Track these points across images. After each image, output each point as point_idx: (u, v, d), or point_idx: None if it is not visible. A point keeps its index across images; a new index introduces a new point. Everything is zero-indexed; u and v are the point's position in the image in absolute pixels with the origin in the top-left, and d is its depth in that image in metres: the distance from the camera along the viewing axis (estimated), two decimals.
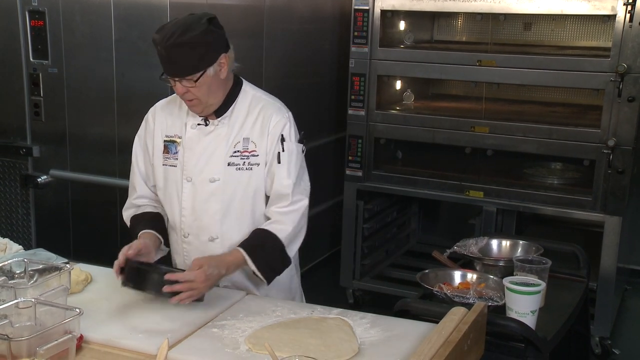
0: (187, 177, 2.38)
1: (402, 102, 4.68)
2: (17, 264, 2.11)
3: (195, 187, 2.37)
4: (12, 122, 3.95)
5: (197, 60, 2.20)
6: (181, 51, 2.17)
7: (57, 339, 1.70)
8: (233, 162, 2.35)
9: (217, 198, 2.36)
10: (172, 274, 2.09)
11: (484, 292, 2.38)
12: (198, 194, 2.37)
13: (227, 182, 2.35)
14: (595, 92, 4.21)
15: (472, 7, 4.10)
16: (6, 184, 4.03)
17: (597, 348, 3.95)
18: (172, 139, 2.41)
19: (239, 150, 2.35)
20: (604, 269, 3.88)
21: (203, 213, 2.38)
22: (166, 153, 2.42)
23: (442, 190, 4.28)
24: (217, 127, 2.36)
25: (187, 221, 2.41)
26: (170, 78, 2.24)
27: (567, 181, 4.24)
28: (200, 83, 2.22)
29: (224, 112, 2.36)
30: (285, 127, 2.37)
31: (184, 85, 2.23)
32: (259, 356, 1.83)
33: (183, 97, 2.28)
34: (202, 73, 2.21)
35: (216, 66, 2.25)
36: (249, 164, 2.35)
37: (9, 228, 4.06)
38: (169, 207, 2.46)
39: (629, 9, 3.63)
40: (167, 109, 2.46)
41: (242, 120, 2.37)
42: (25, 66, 3.84)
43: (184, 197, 2.39)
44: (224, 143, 2.35)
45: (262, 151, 2.35)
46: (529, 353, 2.18)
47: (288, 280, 2.54)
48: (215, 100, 2.32)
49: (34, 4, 3.74)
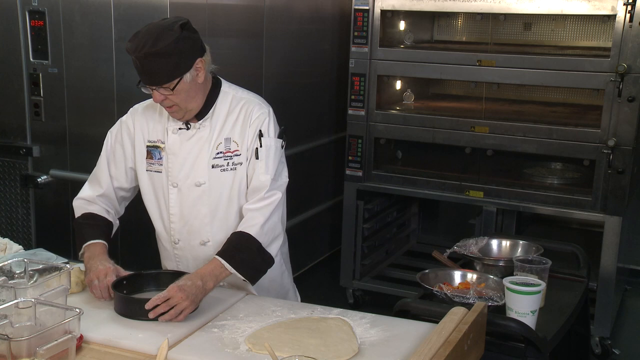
0: (172, 183, 2.37)
1: (402, 102, 4.68)
2: (17, 264, 2.11)
3: (181, 192, 2.36)
4: (12, 122, 3.95)
5: (172, 68, 2.17)
6: (155, 61, 2.15)
7: (57, 339, 1.71)
8: (217, 163, 2.34)
9: (205, 202, 2.35)
10: (150, 301, 2.05)
11: (484, 292, 2.38)
12: (185, 199, 2.36)
13: (212, 184, 2.35)
14: (595, 92, 4.21)
15: (472, 7, 4.10)
16: (6, 184, 4.03)
17: (597, 348, 3.95)
18: (155, 144, 2.39)
19: (221, 152, 2.34)
20: (604, 269, 3.88)
21: (192, 218, 2.37)
22: (150, 159, 2.40)
23: (442, 190, 4.28)
24: (198, 131, 2.35)
25: (176, 227, 2.40)
26: (148, 86, 2.22)
27: (567, 181, 4.24)
28: (178, 90, 2.20)
29: (205, 114, 2.34)
30: (264, 123, 2.35)
31: (161, 94, 2.21)
32: (259, 356, 1.84)
33: (162, 104, 2.26)
34: (179, 80, 2.19)
35: (192, 72, 2.22)
36: (233, 164, 2.34)
37: (9, 228, 4.06)
38: (156, 214, 2.44)
39: (629, 9, 3.63)
40: (146, 113, 2.43)
41: (223, 120, 2.35)
42: (25, 66, 3.84)
43: (172, 203, 2.38)
44: (206, 146, 2.34)
45: (244, 149, 2.34)
46: (529, 353, 2.18)
47: (279, 276, 2.55)
48: (195, 105, 2.30)
49: (34, 4, 3.74)
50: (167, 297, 2.06)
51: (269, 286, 2.48)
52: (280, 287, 2.57)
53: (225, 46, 3.85)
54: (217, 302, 2.19)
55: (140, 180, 2.44)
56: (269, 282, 2.44)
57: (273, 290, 2.51)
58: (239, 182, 2.35)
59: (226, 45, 3.86)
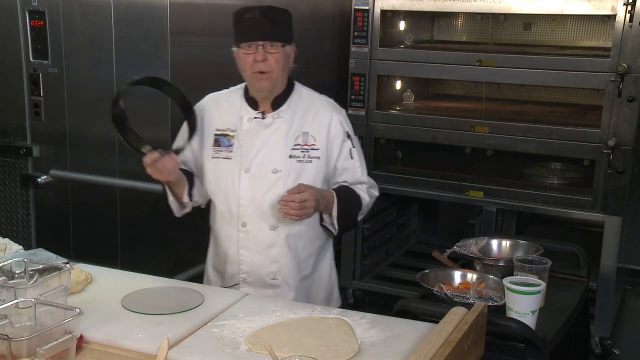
0: (245, 169, 2.46)
1: (402, 102, 4.68)
2: (17, 264, 2.11)
3: (255, 177, 2.46)
4: (12, 122, 3.95)
5: (287, 30, 2.40)
6: (277, 17, 2.37)
7: (57, 339, 1.70)
8: (294, 154, 2.46)
9: (279, 188, 2.44)
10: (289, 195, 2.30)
11: (484, 292, 2.38)
12: (259, 185, 2.45)
13: (289, 173, 2.45)
14: (595, 92, 4.21)
15: (472, 7, 4.10)
16: (6, 184, 4.03)
17: (597, 348, 3.95)
18: (224, 132, 2.50)
19: (299, 144, 2.47)
20: (604, 269, 3.88)
21: (265, 203, 2.45)
22: (217, 146, 2.50)
23: (442, 190, 4.28)
24: (276, 120, 2.47)
25: (245, 211, 2.47)
26: (255, 43, 2.34)
27: (567, 181, 4.24)
28: (281, 54, 2.37)
29: (280, 105, 2.47)
30: (346, 125, 2.54)
31: (267, 52, 2.34)
32: (259, 356, 1.83)
33: (258, 66, 2.36)
34: (286, 45, 2.38)
35: (290, 49, 2.42)
36: (309, 157, 2.47)
37: (9, 228, 4.06)
38: (222, 198, 2.51)
39: (629, 9, 3.63)
40: (214, 104, 2.56)
41: (300, 115, 2.49)
42: (25, 66, 3.84)
43: (242, 187, 2.46)
44: (284, 136, 2.46)
45: (322, 146, 2.48)
46: (529, 353, 2.18)
47: (328, 271, 2.68)
48: (281, 82, 2.45)
49: (34, 4, 3.74)
50: (304, 199, 2.30)
51: (319, 280, 2.64)
52: (328, 282, 2.69)
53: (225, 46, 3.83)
54: (217, 302, 2.19)
55: (206, 168, 2.53)
56: (319, 275, 2.63)
57: (322, 284, 2.65)
58: (314, 174, 2.48)
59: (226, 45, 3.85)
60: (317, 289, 2.65)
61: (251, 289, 2.50)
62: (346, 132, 2.52)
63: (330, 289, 2.70)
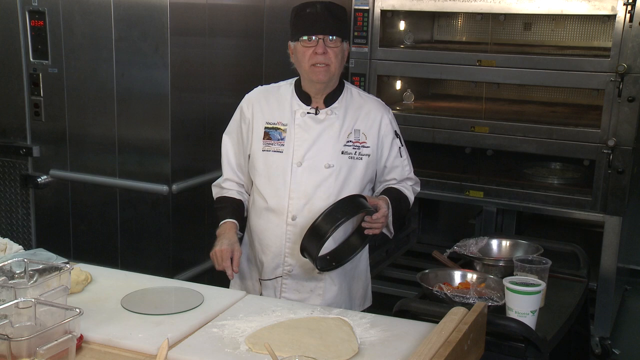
0: (297, 162, 2.48)
1: (402, 102, 4.68)
2: (17, 264, 2.11)
3: (306, 172, 2.48)
4: (12, 122, 3.95)
5: (345, 26, 2.48)
6: (338, 13, 2.44)
7: (57, 339, 1.70)
8: (346, 150, 2.51)
9: (331, 183, 2.48)
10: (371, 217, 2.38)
11: (484, 292, 2.38)
12: (311, 179, 2.48)
13: (341, 168, 2.50)
14: (595, 92, 4.21)
15: (472, 7, 4.10)
16: (6, 184, 4.03)
17: (597, 348, 3.95)
18: (276, 126, 2.53)
19: (351, 141, 2.52)
20: (604, 269, 3.88)
21: (316, 197, 2.48)
22: (267, 139, 2.52)
23: (442, 190, 4.28)
24: (329, 117, 2.51)
25: (296, 204, 2.49)
26: (316, 36, 2.39)
27: (567, 181, 4.24)
28: (340, 49, 2.42)
29: (333, 101, 2.52)
30: (394, 124, 2.62)
31: (327, 45, 2.40)
32: (259, 356, 1.83)
33: (317, 58, 2.41)
34: (344, 40, 2.45)
35: (346, 46, 2.47)
36: (360, 154, 2.52)
37: (9, 228, 4.06)
38: (272, 191, 2.52)
39: (629, 9, 3.63)
40: (264, 98, 2.59)
41: (352, 112, 2.53)
42: (25, 66, 3.84)
43: (294, 181, 2.49)
44: (337, 132, 2.51)
45: (372, 144, 2.54)
46: (529, 353, 2.18)
47: (365, 270, 2.73)
48: (336, 77, 2.49)
49: (34, 4, 3.74)
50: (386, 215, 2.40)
51: (357, 277, 2.68)
52: (365, 279, 2.75)
53: (225, 46, 3.84)
54: (217, 302, 2.19)
55: (255, 161, 2.55)
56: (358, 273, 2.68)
57: (361, 282, 2.71)
58: (363, 170, 2.53)
59: (226, 45, 3.86)
60: (357, 285, 2.69)
61: (293, 282, 2.55)
62: (394, 131, 2.60)
63: (366, 287, 2.75)
